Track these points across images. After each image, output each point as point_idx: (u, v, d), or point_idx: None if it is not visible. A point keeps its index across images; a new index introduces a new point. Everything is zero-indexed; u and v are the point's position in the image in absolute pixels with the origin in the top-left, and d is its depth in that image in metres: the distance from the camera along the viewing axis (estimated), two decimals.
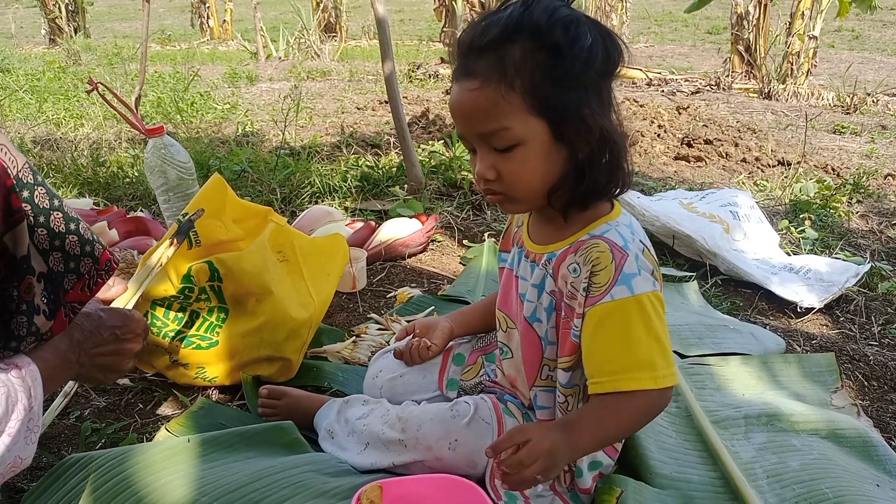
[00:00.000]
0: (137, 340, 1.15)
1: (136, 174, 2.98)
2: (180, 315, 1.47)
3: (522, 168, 0.93)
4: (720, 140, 3.70)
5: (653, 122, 4.00)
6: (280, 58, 7.86)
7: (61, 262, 0.99)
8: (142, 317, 1.17)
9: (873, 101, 5.02)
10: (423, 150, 3.36)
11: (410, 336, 1.34)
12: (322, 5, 9.70)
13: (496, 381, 1.26)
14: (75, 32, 10.11)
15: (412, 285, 2.07)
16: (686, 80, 6.13)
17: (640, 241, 0.99)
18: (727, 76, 5.94)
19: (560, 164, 0.94)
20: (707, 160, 3.52)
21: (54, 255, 0.98)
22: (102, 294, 1.21)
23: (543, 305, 1.04)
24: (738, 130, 3.94)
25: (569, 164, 0.94)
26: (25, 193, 0.93)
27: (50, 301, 0.97)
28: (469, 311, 1.39)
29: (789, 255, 2.30)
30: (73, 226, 1.00)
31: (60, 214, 0.98)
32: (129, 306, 1.38)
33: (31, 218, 0.94)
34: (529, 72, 0.88)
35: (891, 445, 1.38)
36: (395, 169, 2.99)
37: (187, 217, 1.47)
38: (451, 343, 1.34)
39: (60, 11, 10.04)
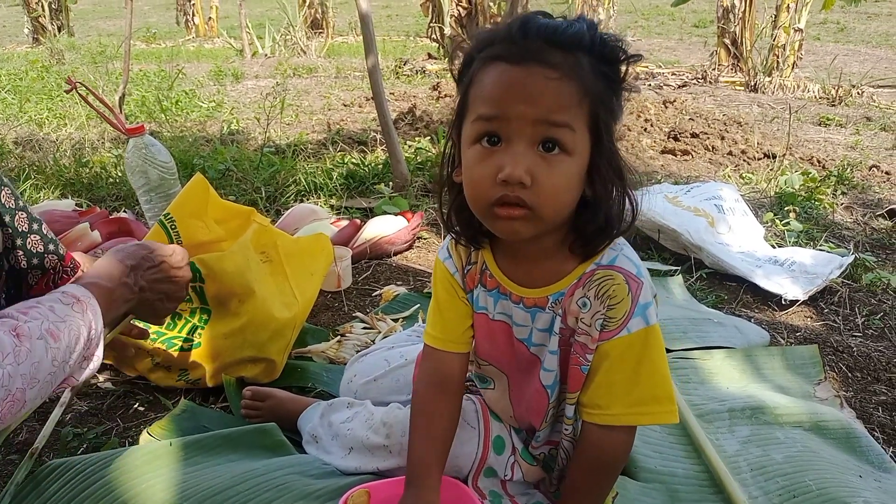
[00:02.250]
0: (187, 269, 1.18)
1: (119, 174, 2.95)
2: None
3: (564, 181, 0.82)
4: (706, 133, 3.71)
5: (639, 116, 4.01)
6: (266, 55, 7.82)
7: (23, 260, 1.01)
8: (182, 248, 1.21)
9: (858, 93, 5.04)
10: (409, 146, 3.35)
11: None
12: (308, 1, 9.65)
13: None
14: (59, 31, 10.03)
15: (398, 283, 2.06)
16: (673, 74, 6.14)
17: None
18: (713, 69, 5.96)
19: (578, 196, 0.86)
20: (693, 153, 3.53)
21: (16, 254, 1.00)
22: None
23: (549, 348, 0.97)
24: (725, 123, 3.95)
25: (582, 197, 0.87)
26: None
27: (10, 296, 0.99)
28: (440, 462, 1.04)
29: (774, 248, 2.31)
30: (35, 226, 1.04)
31: (25, 215, 1.00)
32: None
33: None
34: (596, 88, 0.82)
35: (874, 436, 1.39)
36: (380, 166, 2.98)
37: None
38: (419, 350, 1.25)
39: (43, 10, 9.96)
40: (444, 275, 1.04)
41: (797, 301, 1.94)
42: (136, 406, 1.47)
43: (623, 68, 0.85)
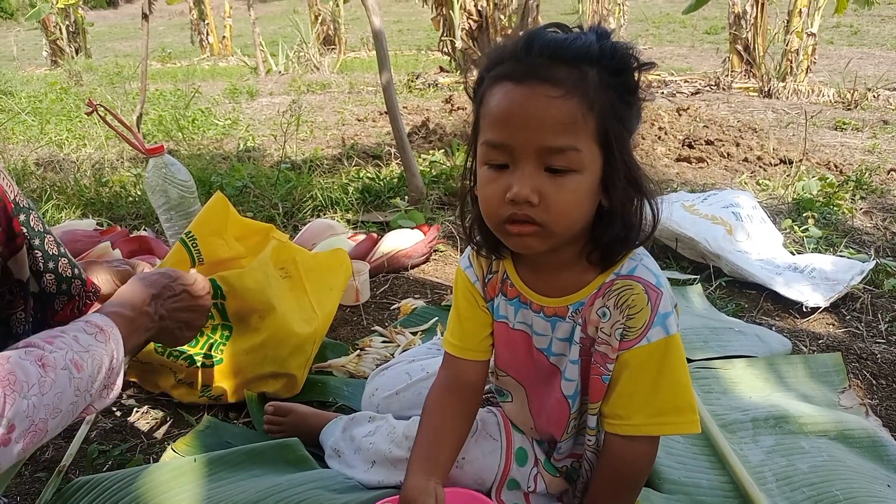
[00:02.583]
0: (208, 297, 1.19)
1: (139, 193, 2.99)
2: None
3: (573, 198, 0.83)
4: (721, 140, 3.70)
5: (653, 124, 4.00)
6: (280, 72, 7.91)
7: (54, 284, 1.02)
8: (204, 276, 1.21)
9: (874, 97, 5.00)
10: (423, 159, 3.37)
11: None
12: (321, 18, 9.77)
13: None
14: (76, 53, 10.23)
15: (415, 296, 2.07)
16: (686, 81, 6.13)
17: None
18: (726, 76, 5.94)
19: (593, 208, 0.87)
20: (709, 161, 3.52)
21: (47, 277, 1.01)
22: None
23: (570, 358, 0.98)
24: (739, 130, 3.93)
25: (599, 208, 0.88)
26: (22, 217, 0.96)
27: (35, 321, 1.00)
28: (441, 454, 1.04)
29: (793, 255, 2.29)
30: (62, 249, 1.04)
31: (52, 238, 1.01)
32: None
33: (28, 241, 0.96)
34: (604, 101, 0.82)
35: None
36: (396, 180, 2.99)
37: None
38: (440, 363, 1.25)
39: (61, 33, 10.16)
40: (464, 283, 1.06)
41: (818, 308, 1.93)
42: (159, 422, 1.48)
43: (635, 76, 0.84)
